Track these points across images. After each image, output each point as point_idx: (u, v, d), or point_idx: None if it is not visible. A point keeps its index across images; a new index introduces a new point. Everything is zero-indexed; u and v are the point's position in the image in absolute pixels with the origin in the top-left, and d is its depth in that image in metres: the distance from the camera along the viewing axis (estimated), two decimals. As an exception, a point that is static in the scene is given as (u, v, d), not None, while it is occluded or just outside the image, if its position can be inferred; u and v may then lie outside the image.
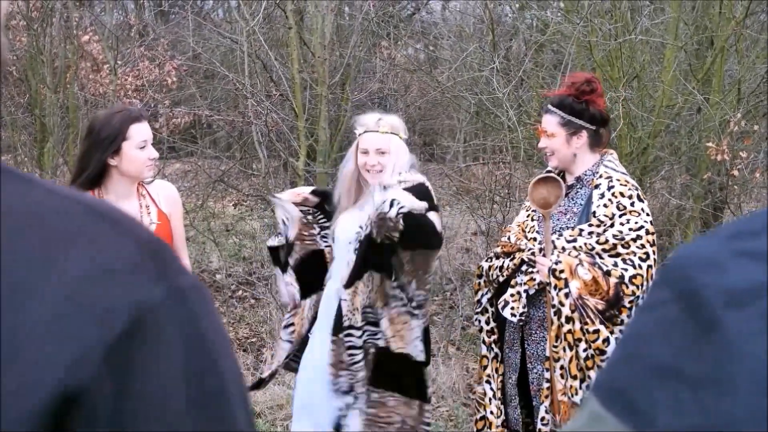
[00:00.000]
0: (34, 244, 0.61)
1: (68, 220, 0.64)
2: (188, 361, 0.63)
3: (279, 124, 5.80)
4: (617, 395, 0.68)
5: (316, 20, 5.96)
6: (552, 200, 3.23)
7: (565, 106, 3.29)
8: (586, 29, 5.46)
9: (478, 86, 6.43)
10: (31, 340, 0.58)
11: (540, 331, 3.38)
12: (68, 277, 0.60)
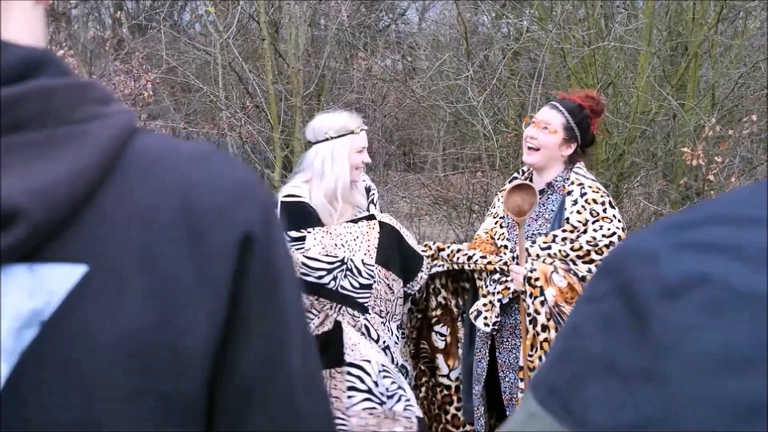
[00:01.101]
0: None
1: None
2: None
3: (254, 136, 5.78)
4: (552, 393, 0.66)
5: (290, 31, 5.95)
6: (526, 208, 3.20)
7: (576, 113, 3.27)
8: (560, 36, 5.48)
9: (453, 95, 6.45)
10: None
11: (512, 338, 3.35)
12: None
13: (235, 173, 0.75)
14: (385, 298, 3.49)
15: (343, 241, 3.45)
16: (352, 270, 3.41)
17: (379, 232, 3.47)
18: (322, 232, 3.43)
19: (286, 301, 0.76)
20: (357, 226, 3.48)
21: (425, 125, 8.90)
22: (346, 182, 3.44)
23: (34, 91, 0.66)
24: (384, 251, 3.47)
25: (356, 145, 3.46)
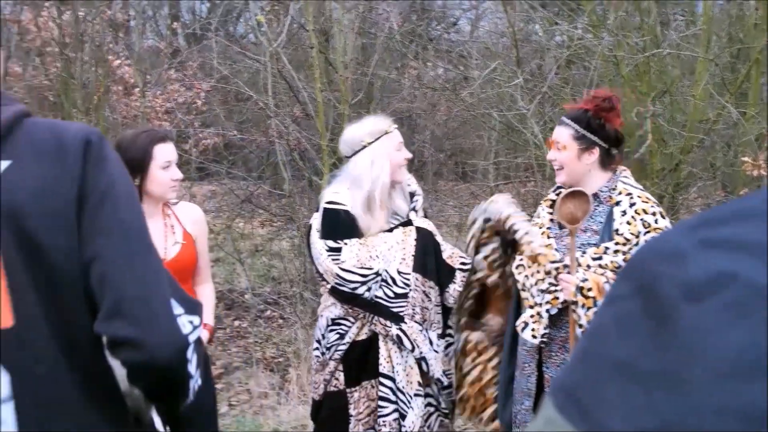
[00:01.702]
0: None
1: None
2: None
3: (302, 143, 5.80)
4: (568, 396, 0.65)
5: (339, 39, 5.97)
6: (579, 215, 3.12)
7: (581, 120, 3.17)
8: (613, 43, 5.37)
9: (504, 103, 6.38)
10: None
11: (561, 353, 3.23)
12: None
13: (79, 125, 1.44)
14: (422, 306, 3.46)
15: (378, 252, 3.43)
16: (387, 280, 3.40)
17: (415, 238, 3.44)
18: (357, 245, 3.42)
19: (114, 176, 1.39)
20: (392, 235, 3.46)
21: (476, 134, 8.84)
22: (385, 184, 3.43)
23: None
24: (421, 258, 3.44)
25: (394, 143, 3.46)
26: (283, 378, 5.86)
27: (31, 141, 1.32)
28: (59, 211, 1.26)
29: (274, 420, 5.18)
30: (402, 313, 3.42)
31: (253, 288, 7.19)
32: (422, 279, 3.44)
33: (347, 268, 3.38)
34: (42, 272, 1.24)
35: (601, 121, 3.17)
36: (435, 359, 3.47)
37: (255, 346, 6.47)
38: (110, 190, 1.32)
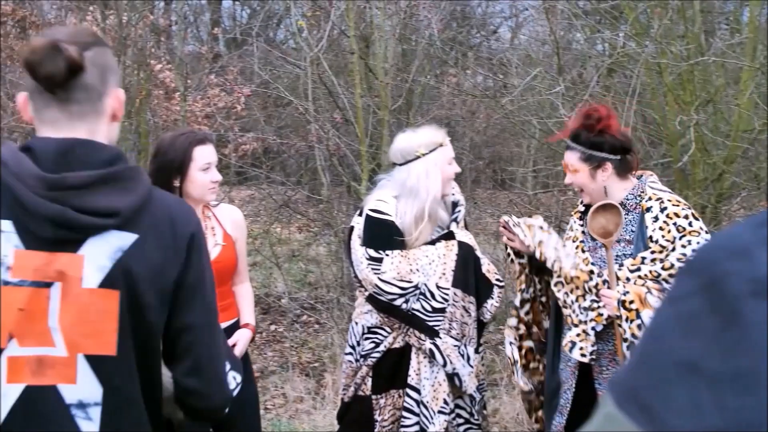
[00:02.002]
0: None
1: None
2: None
3: (341, 148, 5.81)
4: (631, 394, 0.66)
5: (379, 45, 5.98)
6: (612, 228, 3.06)
7: (582, 140, 3.13)
8: (657, 51, 5.30)
9: (544, 111, 6.33)
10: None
11: (612, 366, 3.17)
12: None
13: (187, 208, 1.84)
14: (461, 321, 3.43)
15: (419, 265, 3.40)
16: (425, 294, 3.38)
17: (457, 253, 3.41)
18: (399, 257, 3.40)
19: (204, 268, 1.77)
20: (434, 249, 3.43)
21: (515, 142, 8.78)
22: (437, 197, 3.43)
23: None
24: (461, 274, 3.41)
25: (446, 156, 3.44)
26: (319, 383, 5.87)
27: (152, 220, 1.71)
28: (164, 287, 1.69)
29: (309, 424, 5.18)
30: (438, 327, 3.40)
31: (289, 292, 7.21)
32: (462, 294, 3.41)
33: (386, 280, 3.37)
34: (141, 325, 1.68)
35: (599, 135, 3.11)
36: (469, 375, 3.45)
37: (291, 351, 6.49)
38: (202, 278, 1.75)
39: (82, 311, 1.63)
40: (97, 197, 1.62)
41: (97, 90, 1.68)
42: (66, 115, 1.67)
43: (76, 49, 1.62)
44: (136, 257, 1.65)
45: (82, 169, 1.63)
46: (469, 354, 3.45)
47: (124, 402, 1.68)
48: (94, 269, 1.63)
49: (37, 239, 1.62)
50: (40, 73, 1.61)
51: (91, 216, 1.62)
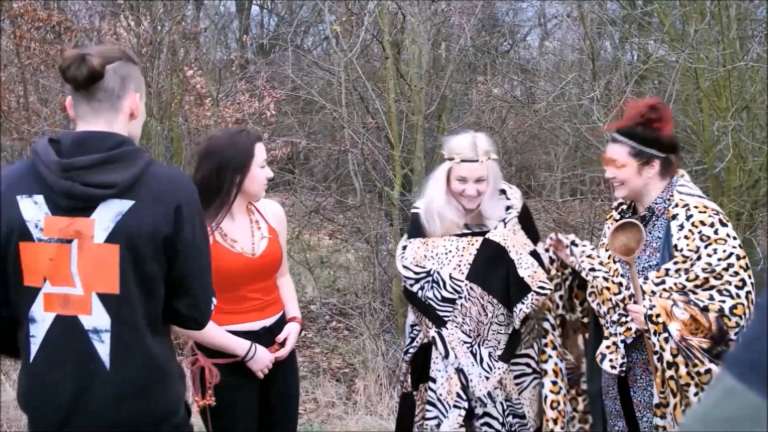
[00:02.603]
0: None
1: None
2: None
3: (374, 153, 5.82)
4: (753, 368, 0.67)
5: (413, 50, 5.98)
6: (633, 245, 3.03)
7: (635, 135, 3.09)
8: (693, 57, 5.27)
9: (576, 117, 6.31)
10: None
11: (645, 375, 3.16)
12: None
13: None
14: (477, 319, 3.40)
15: (434, 253, 3.45)
16: (438, 282, 3.41)
17: (478, 249, 3.40)
18: (419, 243, 3.48)
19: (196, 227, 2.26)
20: (455, 240, 3.44)
21: (543, 150, 8.75)
22: (439, 203, 3.44)
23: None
24: (479, 269, 3.39)
25: (456, 174, 3.38)
26: (350, 388, 5.86)
27: (147, 189, 2.19)
28: (156, 242, 2.19)
29: (341, 429, 5.17)
30: (446, 318, 3.42)
31: (318, 299, 7.21)
32: (481, 291, 3.38)
33: (406, 265, 3.48)
34: (140, 271, 2.20)
35: (654, 132, 3.10)
36: (479, 376, 3.39)
37: (321, 357, 6.48)
38: (192, 236, 2.25)
39: (93, 261, 2.18)
40: (99, 174, 2.16)
41: (116, 93, 2.23)
42: (90, 110, 2.23)
43: (100, 61, 2.19)
44: (132, 219, 2.16)
45: (90, 153, 2.17)
46: (482, 355, 3.41)
47: (128, 329, 2.21)
48: (101, 229, 2.17)
49: (59, 208, 2.18)
50: (67, 76, 2.20)
51: (94, 188, 2.15)
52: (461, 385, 3.41)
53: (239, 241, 3.10)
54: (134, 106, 2.26)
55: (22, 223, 2.18)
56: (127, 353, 2.21)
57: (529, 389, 3.46)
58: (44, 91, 7.32)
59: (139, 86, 2.31)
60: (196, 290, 2.31)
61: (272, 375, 3.18)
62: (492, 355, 3.41)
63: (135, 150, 2.22)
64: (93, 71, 2.17)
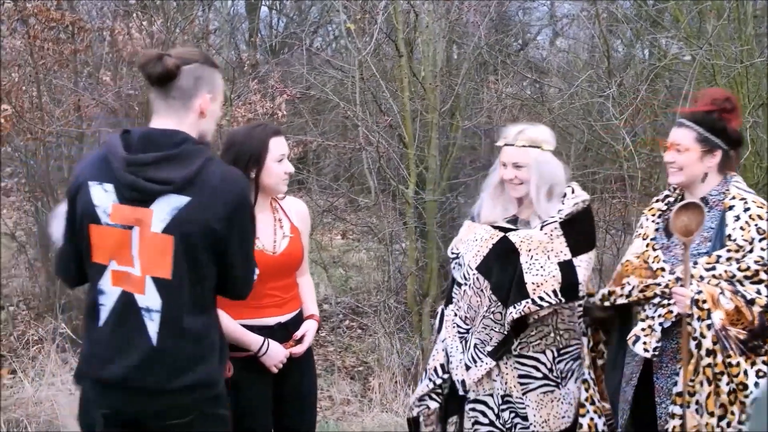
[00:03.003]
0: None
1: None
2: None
3: (389, 151, 5.81)
4: None
5: (427, 49, 5.98)
6: (693, 227, 3.01)
7: (704, 122, 3.10)
8: (709, 54, 5.25)
9: (591, 116, 6.30)
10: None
11: (672, 364, 3.14)
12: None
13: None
14: (474, 307, 3.41)
15: (468, 238, 3.51)
16: (461, 264, 3.49)
17: (494, 243, 3.39)
18: (466, 225, 3.59)
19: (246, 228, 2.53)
20: (483, 230, 3.46)
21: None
22: (491, 190, 3.50)
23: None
24: (488, 262, 3.38)
25: (502, 158, 3.43)
26: (365, 386, 5.85)
27: (202, 187, 2.39)
28: (207, 236, 2.41)
29: (357, 426, 5.16)
30: (452, 298, 3.51)
31: (332, 297, 7.21)
32: (484, 282, 3.36)
33: (453, 242, 3.61)
34: (191, 260, 2.43)
35: (724, 122, 3.10)
36: (459, 362, 3.43)
37: (335, 355, 6.48)
38: (241, 232, 2.49)
39: (150, 247, 2.42)
40: (159, 171, 2.37)
41: (189, 92, 2.44)
42: (164, 106, 2.46)
43: (175, 62, 2.40)
44: (187, 214, 2.38)
45: (154, 150, 2.40)
46: (469, 343, 3.42)
47: (176, 310, 2.43)
48: (158, 220, 2.39)
49: (124, 198, 2.42)
50: (144, 73, 2.43)
51: (154, 184, 2.37)
52: (443, 362, 3.51)
53: (261, 238, 3.09)
54: (205, 105, 2.46)
55: (92, 208, 2.44)
56: (173, 332, 2.44)
57: (536, 393, 3.38)
58: (57, 92, 7.32)
59: (212, 88, 2.50)
60: (239, 273, 2.55)
61: (287, 371, 3.18)
62: (478, 347, 3.39)
63: (196, 149, 2.42)
64: (167, 70, 2.38)
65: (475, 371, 3.40)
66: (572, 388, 3.43)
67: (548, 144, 3.38)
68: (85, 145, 6.96)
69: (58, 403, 5.07)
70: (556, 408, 3.41)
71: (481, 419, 3.44)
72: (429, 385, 3.53)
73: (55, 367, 5.61)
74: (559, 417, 3.41)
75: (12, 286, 7.75)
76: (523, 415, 3.40)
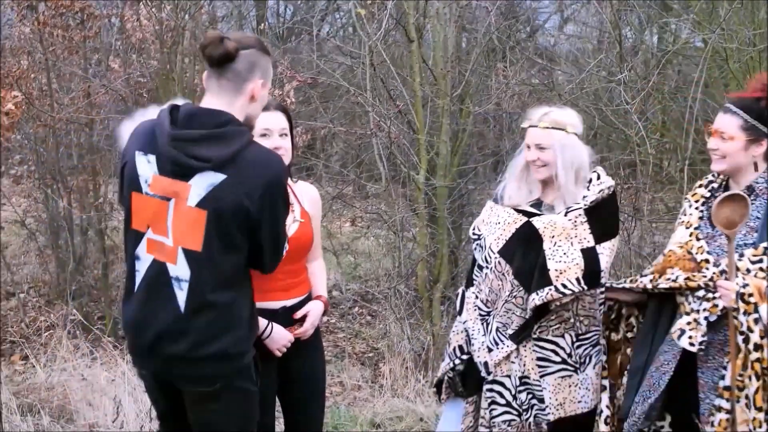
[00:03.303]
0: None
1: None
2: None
3: (400, 137, 5.79)
4: None
5: (438, 34, 5.96)
6: (737, 219, 2.90)
7: (752, 109, 2.96)
8: (722, 37, 5.22)
9: (601, 101, 6.27)
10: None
11: (720, 357, 3.04)
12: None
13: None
14: (495, 290, 3.42)
15: (490, 220, 3.52)
16: (483, 246, 3.50)
17: (517, 228, 3.38)
18: (489, 207, 3.59)
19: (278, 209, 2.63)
20: (507, 213, 3.45)
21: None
22: (515, 172, 3.48)
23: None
24: (511, 247, 3.38)
25: (527, 140, 3.42)
26: (375, 372, 5.86)
27: (239, 167, 2.49)
28: (240, 214, 2.51)
29: (369, 411, 5.17)
30: (474, 280, 3.53)
31: (342, 283, 7.21)
32: (506, 266, 3.37)
33: (475, 224, 3.62)
34: (222, 235, 2.53)
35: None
36: (481, 344, 3.44)
37: (345, 341, 6.49)
38: (272, 212, 2.58)
39: (184, 219, 2.52)
40: (201, 148, 2.48)
41: (243, 76, 2.54)
42: (217, 86, 2.56)
43: (235, 45, 2.50)
44: (221, 191, 2.48)
45: (198, 128, 2.51)
46: (491, 326, 3.43)
47: (204, 283, 2.54)
48: (194, 195, 2.50)
49: (165, 170, 2.54)
50: (205, 53, 2.52)
51: (194, 160, 2.48)
52: (462, 343, 3.54)
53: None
54: (257, 91, 2.57)
55: (136, 176, 2.59)
56: (201, 303, 2.55)
57: (553, 377, 3.39)
58: (66, 80, 7.31)
59: (264, 74, 2.60)
60: (269, 252, 2.64)
61: (292, 355, 3.16)
62: (500, 330, 3.40)
63: (238, 130, 2.52)
64: (227, 52, 2.48)
65: (497, 353, 3.41)
66: (590, 373, 3.43)
67: (573, 127, 3.35)
68: (95, 132, 6.95)
69: (70, 388, 5.09)
70: (573, 392, 3.41)
71: (498, 399, 3.45)
72: (449, 364, 3.58)
73: (66, 353, 5.62)
74: (575, 401, 3.42)
75: (22, 273, 7.78)
76: (540, 397, 3.41)
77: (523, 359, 3.40)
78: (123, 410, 4.76)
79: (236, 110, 2.55)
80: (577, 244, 3.29)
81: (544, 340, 3.39)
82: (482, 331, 3.46)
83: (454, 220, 6.30)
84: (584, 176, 3.36)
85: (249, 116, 2.62)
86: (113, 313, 6.60)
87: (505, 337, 3.39)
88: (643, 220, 5.86)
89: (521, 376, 3.41)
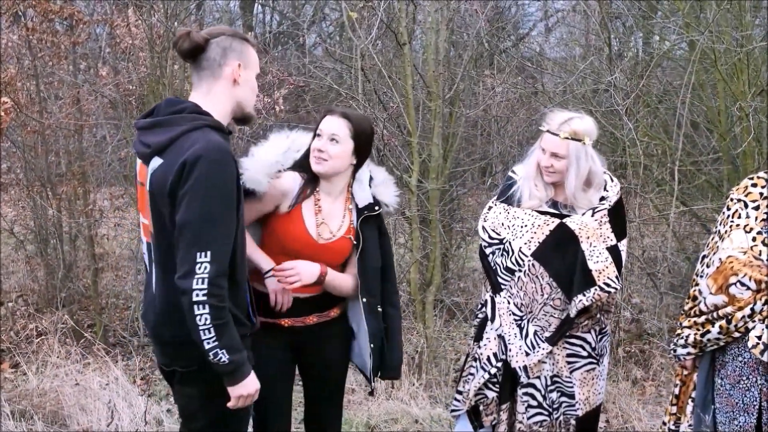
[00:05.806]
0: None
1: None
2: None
3: (392, 140, 5.81)
4: None
5: (428, 38, 5.99)
6: None
7: None
8: (710, 39, 5.29)
9: (590, 104, 6.32)
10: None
11: None
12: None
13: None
14: (532, 296, 3.43)
15: (511, 223, 3.48)
16: (507, 251, 3.46)
17: (552, 230, 3.40)
18: (502, 209, 3.54)
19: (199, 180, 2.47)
20: (535, 216, 3.44)
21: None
22: (529, 174, 3.49)
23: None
24: (545, 249, 3.40)
25: (541, 143, 3.43)
26: (368, 376, 5.83)
27: (173, 151, 2.50)
28: (166, 192, 2.50)
29: (364, 414, 5.15)
30: (503, 286, 3.48)
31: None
32: (543, 270, 3.40)
33: (485, 227, 3.57)
34: (159, 214, 2.58)
35: None
36: (519, 348, 3.45)
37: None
38: (192, 190, 2.45)
39: (146, 202, 2.64)
40: (147, 135, 2.60)
41: (217, 61, 2.58)
42: (197, 78, 2.62)
43: (203, 36, 2.57)
44: (156, 175, 2.54)
45: (154, 116, 2.62)
46: (528, 331, 3.44)
47: (163, 264, 2.61)
48: (147, 178, 2.60)
49: (140, 158, 2.65)
50: (177, 50, 2.58)
51: (144, 146, 2.60)
52: (496, 350, 3.49)
53: (326, 221, 3.05)
54: (236, 73, 2.58)
55: (135, 168, 2.75)
56: (165, 284, 2.62)
57: (581, 371, 3.49)
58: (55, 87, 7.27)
59: (241, 57, 2.61)
60: (184, 249, 2.47)
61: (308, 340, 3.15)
62: (538, 333, 3.45)
63: (187, 117, 2.55)
64: (196, 44, 2.54)
65: (533, 357, 3.45)
66: (606, 363, 3.58)
67: (590, 138, 3.39)
68: (84, 139, 6.92)
69: (62, 393, 5.03)
70: (596, 385, 3.53)
71: (532, 402, 3.50)
72: (485, 376, 3.50)
73: (58, 359, 5.56)
74: (596, 393, 3.54)
75: (10, 282, 7.70)
76: (570, 393, 3.48)
77: (556, 358, 3.47)
78: (117, 414, 4.73)
79: (217, 97, 2.59)
80: (607, 244, 3.40)
81: (575, 336, 3.48)
82: (519, 335, 3.46)
83: (445, 224, 6.32)
84: (599, 182, 3.44)
85: (240, 102, 2.63)
86: (104, 321, 6.55)
87: (542, 340, 3.44)
88: (634, 222, 5.90)
89: (552, 375, 3.47)
